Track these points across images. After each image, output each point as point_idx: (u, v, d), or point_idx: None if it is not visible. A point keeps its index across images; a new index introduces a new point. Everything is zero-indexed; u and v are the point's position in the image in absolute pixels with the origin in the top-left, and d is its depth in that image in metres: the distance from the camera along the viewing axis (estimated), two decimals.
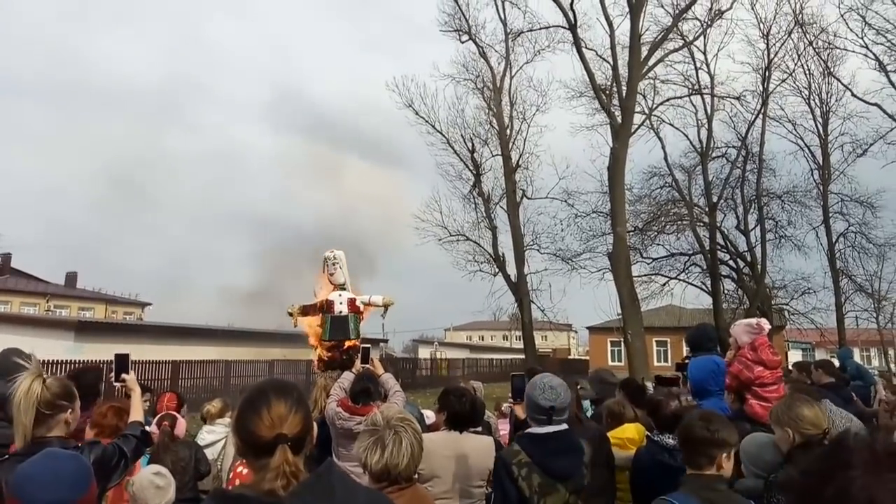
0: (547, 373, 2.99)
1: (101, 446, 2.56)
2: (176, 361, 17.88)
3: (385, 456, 2.07)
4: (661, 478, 3.15)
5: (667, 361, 39.10)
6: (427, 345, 42.66)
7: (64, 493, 1.74)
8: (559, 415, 2.73)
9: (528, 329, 22.98)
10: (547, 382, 2.79)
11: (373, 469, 2.08)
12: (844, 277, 25.24)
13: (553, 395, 2.72)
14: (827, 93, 24.72)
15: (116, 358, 3.21)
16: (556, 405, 2.71)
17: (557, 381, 2.81)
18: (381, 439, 2.11)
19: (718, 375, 3.82)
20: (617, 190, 18.92)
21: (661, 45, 20.17)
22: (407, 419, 2.21)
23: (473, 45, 23.96)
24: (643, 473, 3.25)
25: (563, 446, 2.70)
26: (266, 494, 1.36)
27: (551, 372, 3.02)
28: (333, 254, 9.65)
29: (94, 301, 41.46)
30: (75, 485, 1.78)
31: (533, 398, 2.76)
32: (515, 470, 2.63)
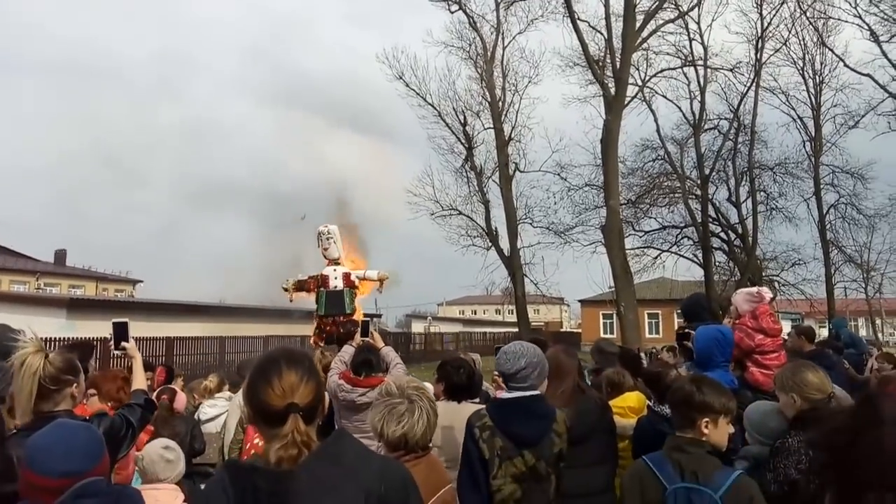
0: (519, 341, 2.96)
1: (109, 418, 2.55)
2: (170, 338, 17.85)
3: (402, 425, 2.07)
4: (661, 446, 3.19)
5: (658, 333, 39.53)
6: (420, 319, 42.85)
7: (77, 463, 1.72)
8: (516, 381, 2.67)
9: (522, 303, 23.09)
10: (510, 349, 2.77)
11: (389, 438, 2.08)
12: (834, 248, 25.48)
13: (513, 360, 2.68)
14: (821, 63, 24.70)
15: (115, 326, 3.12)
16: (506, 370, 2.67)
17: (522, 348, 2.75)
18: (396, 408, 2.10)
19: (724, 346, 3.81)
20: (610, 162, 18.90)
21: (655, 15, 19.98)
22: (421, 388, 2.21)
23: (464, 15, 23.60)
24: (644, 442, 3.27)
25: (526, 411, 2.67)
26: (277, 464, 1.36)
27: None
28: (327, 228, 9.61)
29: (84, 279, 41.21)
30: (88, 454, 1.76)
31: (497, 364, 2.77)
32: (478, 432, 2.63)
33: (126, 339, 3.12)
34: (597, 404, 3.45)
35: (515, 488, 2.54)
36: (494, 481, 2.57)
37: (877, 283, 28.41)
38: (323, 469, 1.37)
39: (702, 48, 23.51)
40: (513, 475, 2.54)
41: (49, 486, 1.66)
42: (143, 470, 2.91)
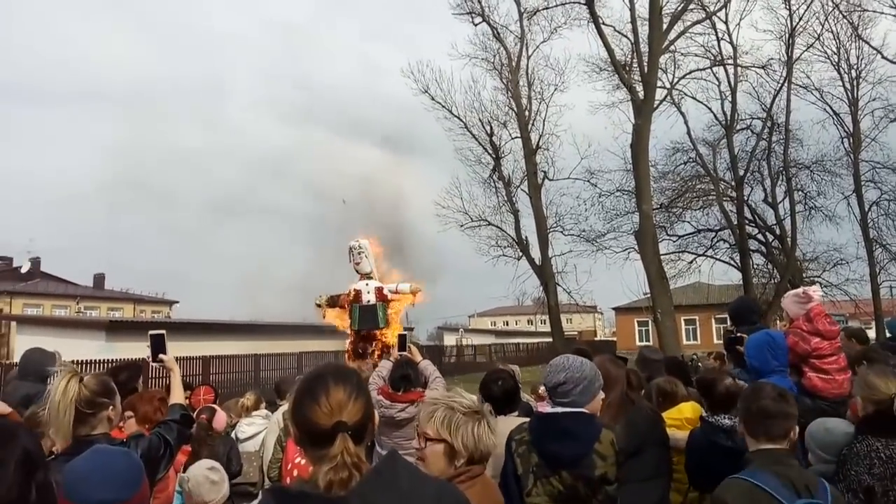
0: (569, 354, 2.79)
1: (146, 438, 2.49)
2: (206, 357, 18.07)
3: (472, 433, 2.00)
4: (717, 459, 3.01)
5: (696, 340, 38.68)
6: (452, 332, 42.66)
7: (117, 492, 1.65)
8: (561, 396, 2.54)
9: (555, 312, 22.82)
10: (557, 361, 2.63)
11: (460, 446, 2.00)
12: (878, 247, 24.64)
13: (547, 375, 2.57)
14: (857, 56, 24.01)
15: (152, 338, 3.07)
16: (556, 382, 2.52)
17: (569, 361, 2.60)
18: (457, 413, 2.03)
19: (776, 350, 3.62)
20: (641, 167, 18.59)
21: (681, 17, 19.66)
22: (473, 405, 2.13)
23: (487, 27, 23.63)
24: (698, 455, 3.11)
25: (562, 430, 2.49)
26: (327, 488, 1.26)
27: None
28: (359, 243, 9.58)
29: (122, 301, 42.18)
30: (128, 482, 1.70)
31: (543, 377, 2.68)
32: (514, 446, 2.55)
33: (164, 351, 3.07)
34: (648, 415, 3.29)
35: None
36: (528, 498, 2.45)
37: None
38: (377, 494, 1.27)
39: (731, 47, 23.10)
40: (549, 493, 2.43)
41: None
42: (189, 492, 2.85)
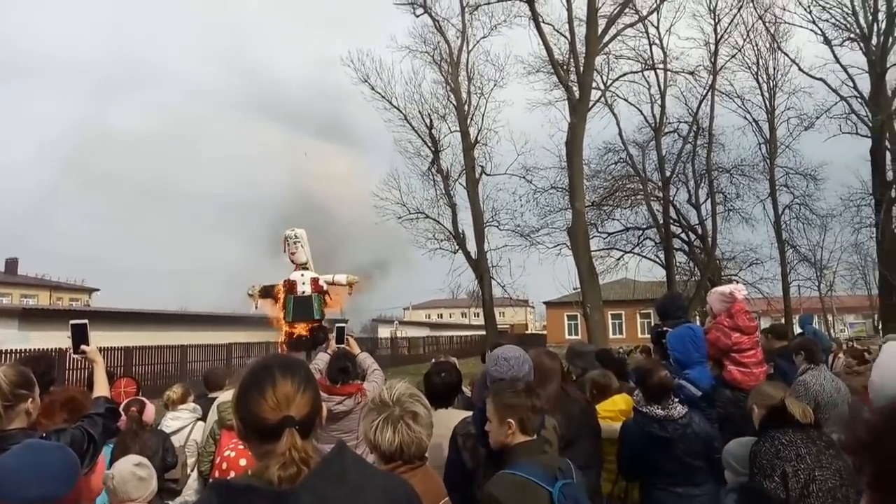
0: (508, 346, 2.88)
1: (68, 432, 2.35)
2: (129, 348, 17.30)
3: (398, 434, 1.96)
4: (650, 449, 3.16)
5: (622, 334, 40.13)
6: (386, 324, 42.53)
7: (50, 488, 1.56)
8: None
9: (489, 305, 23.11)
10: (500, 354, 2.69)
11: (384, 449, 1.97)
12: (790, 248, 26.28)
13: (505, 367, 2.61)
14: (774, 68, 25.50)
15: (73, 328, 2.90)
16: (506, 377, 2.57)
17: (513, 354, 2.69)
18: (390, 417, 2.00)
19: (698, 343, 3.85)
20: (575, 165, 19.04)
21: (617, 20, 20.24)
22: (416, 395, 2.10)
23: (429, 19, 23.55)
24: (632, 445, 3.24)
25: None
26: (275, 484, 1.24)
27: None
28: (294, 232, 9.36)
29: (37, 287, 39.72)
30: (62, 478, 1.61)
31: (488, 370, 2.67)
32: (461, 440, 2.56)
33: (86, 342, 2.91)
34: (582, 407, 3.40)
35: None
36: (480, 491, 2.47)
37: (829, 281, 29.51)
38: (327, 488, 1.26)
39: (662, 52, 24.05)
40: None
41: None
42: (114, 489, 2.72)
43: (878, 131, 21.25)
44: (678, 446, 3.10)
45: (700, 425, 3.19)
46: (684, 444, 3.11)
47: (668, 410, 3.16)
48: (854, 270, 30.24)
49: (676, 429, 3.12)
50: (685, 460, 3.11)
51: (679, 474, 3.10)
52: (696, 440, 3.13)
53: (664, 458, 3.10)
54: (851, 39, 22.47)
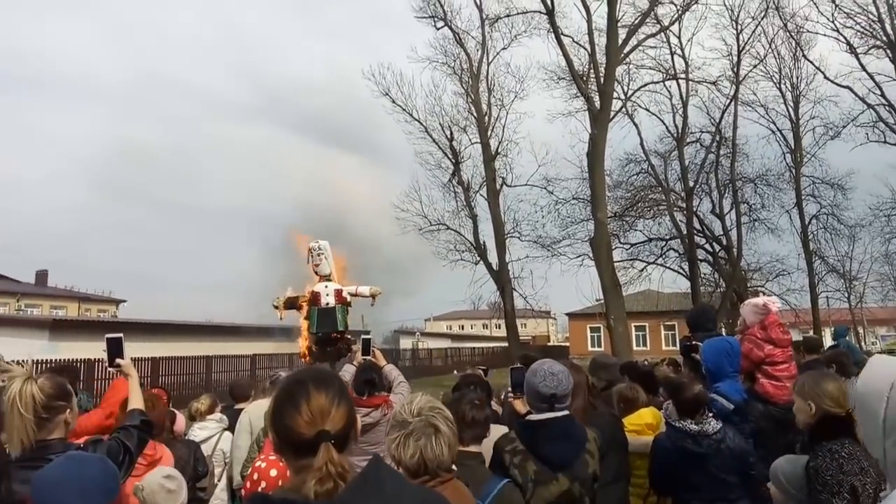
0: (548, 359, 2.89)
1: (105, 444, 2.38)
2: (155, 358, 17.54)
3: (420, 448, 1.96)
4: (684, 464, 3.11)
5: (646, 346, 39.63)
6: (408, 335, 42.55)
7: (93, 500, 1.58)
8: (560, 402, 2.65)
9: (511, 317, 23.01)
10: (548, 369, 2.70)
11: (407, 464, 1.96)
12: (817, 259, 25.79)
13: (555, 382, 2.63)
14: (797, 77, 25.15)
15: (108, 342, 2.94)
16: (557, 392, 2.61)
17: (559, 368, 2.73)
18: (413, 431, 1.99)
19: (733, 356, 3.79)
20: (597, 175, 18.95)
21: (638, 30, 20.18)
22: (438, 408, 2.10)
23: (449, 32, 23.73)
24: (664, 460, 3.19)
25: (559, 433, 2.60)
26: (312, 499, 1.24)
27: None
28: (318, 244, 9.43)
29: (66, 299, 40.47)
30: (104, 490, 1.63)
31: (534, 385, 2.67)
32: (508, 458, 2.54)
33: (121, 355, 2.95)
34: (609, 421, 3.38)
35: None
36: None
37: (859, 292, 28.88)
38: (363, 501, 1.25)
39: (683, 62, 23.88)
40: (547, 500, 2.45)
41: None
42: (144, 501, 2.75)
43: None
44: (712, 462, 3.05)
45: (734, 440, 3.13)
46: (718, 459, 3.06)
47: (701, 426, 3.11)
48: (885, 281, 29.52)
49: (710, 444, 3.07)
50: (719, 476, 3.05)
51: (712, 490, 3.05)
52: (731, 455, 3.08)
53: (697, 473, 3.05)
54: (878, 47, 22.11)
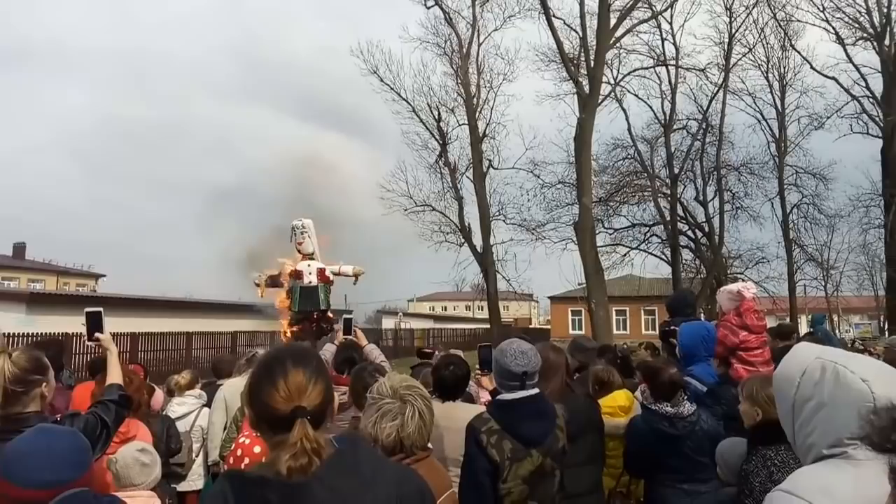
0: (516, 338, 2.93)
1: (83, 417, 2.37)
2: (134, 334, 17.41)
3: (396, 427, 1.97)
4: (659, 446, 3.17)
5: (626, 330, 40.08)
6: (390, 315, 42.63)
7: (63, 473, 1.57)
8: (531, 379, 2.69)
9: (494, 299, 23.14)
10: (517, 348, 2.73)
11: (384, 442, 1.98)
12: (797, 247, 26.21)
13: (525, 360, 2.67)
14: (785, 67, 25.33)
15: (88, 315, 2.92)
16: (528, 370, 2.67)
17: (528, 346, 2.77)
18: (390, 410, 2.01)
19: (709, 342, 3.87)
20: (583, 160, 18.97)
21: (629, 14, 20.10)
22: (414, 385, 2.11)
23: (440, 11, 23.47)
24: (639, 442, 3.25)
25: (534, 411, 2.66)
26: (287, 475, 1.25)
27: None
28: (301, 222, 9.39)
29: (44, 272, 39.94)
30: (75, 462, 1.62)
31: (504, 364, 2.71)
32: (485, 438, 2.56)
33: (101, 329, 2.93)
34: (585, 402, 3.42)
35: (524, 488, 2.51)
36: (504, 485, 2.51)
37: (836, 281, 29.45)
38: (339, 479, 1.27)
39: (674, 49, 23.91)
40: (521, 476, 2.50)
41: (31, 498, 1.53)
42: (117, 474, 2.74)
43: (890, 132, 21.07)
44: (686, 443, 3.12)
45: (708, 423, 3.20)
46: (693, 441, 3.12)
47: (677, 408, 3.17)
48: (861, 271, 30.16)
49: (686, 426, 3.13)
50: (693, 457, 3.12)
51: (686, 471, 3.11)
52: (704, 437, 3.15)
53: (672, 454, 3.11)
54: (865, 38, 22.27)
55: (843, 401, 1.20)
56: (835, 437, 1.21)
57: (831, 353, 1.29)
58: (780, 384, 1.34)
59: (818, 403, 1.24)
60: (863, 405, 1.16)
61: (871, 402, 1.16)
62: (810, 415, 1.26)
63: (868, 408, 1.14)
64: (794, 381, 1.29)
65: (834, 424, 1.21)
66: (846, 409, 1.19)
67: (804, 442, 1.28)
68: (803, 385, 1.27)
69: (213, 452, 4.76)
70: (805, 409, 1.26)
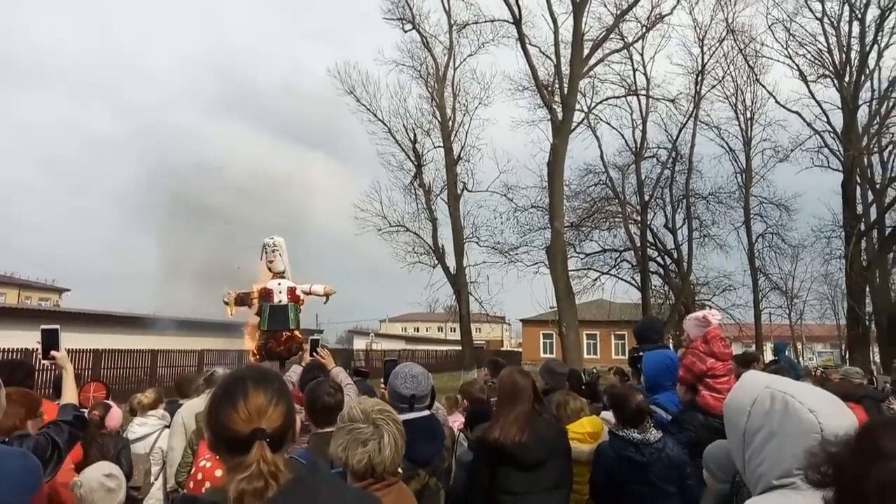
0: (409, 362, 3.11)
1: (33, 438, 2.29)
2: (98, 350, 16.92)
3: (368, 452, 1.95)
4: (626, 472, 3.19)
5: (596, 354, 40.32)
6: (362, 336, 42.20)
7: (11, 496, 1.51)
8: (420, 402, 2.83)
9: (466, 321, 23.17)
10: (408, 371, 2.88)
11: (355, 467, 1.95)
12: (762, 275, 26.82)
13: (414, 384, 2.81)
14: (752, 100, 26.17)
15: (43, 333, 2.88)
16: (416, 393, 2.80)
17: (419, 370, 2.92)
18: (361, 434, 1.98)
19: (673, 370, 3.91)
20: (556, 185, 19.25)
21: (602, 45, 20.63)
22: (386, 410, 2.09)
23: (417, 35, 23.79)
24: (607, 468, 3.26)
25: (423, 433, 2.73)
26: (239, 499, 1.22)
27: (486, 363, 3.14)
28: (273, 240, 9.28)
29: (5, 286, 38.69)
30: (24, 485, 1.56)
31: (395, 387, 2.84)
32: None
33: (56, 347, 2.88)
34: (553, 427, 3.42)
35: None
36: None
37: (799, 309, 30.16)
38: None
39: (645, 79, 24.57)
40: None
41: None
42: (81, 498, 2.66)
43: (850, 166, 21.84)
44: (652, 470, 3.13)
45: (674, 450, 3.22)
46: (658, 468, 3.14)
47: (644, 434, 3.20)
48: (823, 300, 30.95)
49: (652, 453, 3.15)
50: (659, 485, 3.13)
51: (652, 499, 3.13)
52: (670, 464, 3.16)
53: (638, 482, 3.13)
54: (826, 76, 23.17)
55: (792, 431, 1.22)
56: (784, 467, 1.22)
57: (780, 382, 1.31)
58: (731, 413, 1.35)
59: (769, 433, 1.25)
60: (811, 436, 1.18)
61: (818, 432, 1.18)
62: (761, 444, 1.27)
63: (815, 438, 1.16)
64: (744, 410, 1.30)
65: (783, 454, 1.22)
66: (795, 439, 1.20)
67: (754, 471, 1.29)
68: (753, 414, 1.28)
69: (171, 478, 4.63)
70: (756, 438, 1.28)
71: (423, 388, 2.83)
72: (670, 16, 22.52)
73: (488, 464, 3.12)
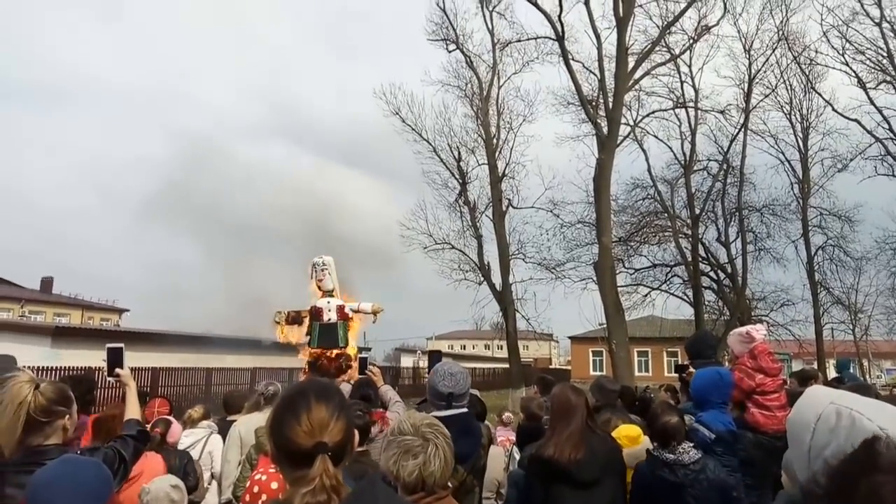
0: (448, 360, 3.23)
1: (102, 451, 2.41)
2: (156, 368, 17.52)
3: (419, 465, 1.96)
4: (662, 493, 3.10)
5: (648, 371, 39.34)
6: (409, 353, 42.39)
7: (84, 503, 1.59)
8: (458, 400, 2.91)
9: (513, 338, 22.94)
10: (447, 370, 2.97)
11: (406, 479, 1.97)
12: (822, 290, 25.68)
13: (452, 382, 2.91)
14: (808, 109, 25.31)
15: (109, 351, 3.02)
16: (455, 391, 2.90)
17: (458, 369, 3.02)
18: (411, 447, 2.00)
19: (722, 387, 3.76)
20: (602, 200, 19.00)
21: (647, 58, 20.37)
22: (435, 424, 2.10)
23: (461, 55, 24.03)
24: (644, 488, 3.20)
25: (461, 430, 2.72)
26: None
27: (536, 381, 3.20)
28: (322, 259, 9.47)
29: (69, 307, 40.57)
30: (96, 494, 1.64)
31: (434, 385, 2.93)
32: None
33: (121, 365, 3.02)
34: (608, 445, 3.35)
35: None
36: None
37: (864, 325, 28.66)
38: None
39: (693, 91, 24.09)
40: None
41: None
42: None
43: None
44: (689, 492, 3.04)
45: (714, 472, 3.10)
46: (696, 490, 3.04)
47: (677, 455, 3.12)
48: (891, 315, 29.33)
49: (687, 474, 3.06)
50: None
51: None
52: (710, 487, 3.05)
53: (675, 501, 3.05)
54: (887, 82, 22.25)
55: None
56: None
57: (846, 398, 1.26)
58: (795, 430, 1.31)
59: (836, 450, 1.22)
60: None
61: None
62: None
63: None
64: (809, 426, 1.26)
65: None
66: None
67: None
68: (819, 431, 1.24)
69: (227, 491, 4.73)
70: (821, 456, 1.23)
71: (462, 386, 2.92)
72: (717, 26, 22.16)
73: (541, 482, 3.09)
